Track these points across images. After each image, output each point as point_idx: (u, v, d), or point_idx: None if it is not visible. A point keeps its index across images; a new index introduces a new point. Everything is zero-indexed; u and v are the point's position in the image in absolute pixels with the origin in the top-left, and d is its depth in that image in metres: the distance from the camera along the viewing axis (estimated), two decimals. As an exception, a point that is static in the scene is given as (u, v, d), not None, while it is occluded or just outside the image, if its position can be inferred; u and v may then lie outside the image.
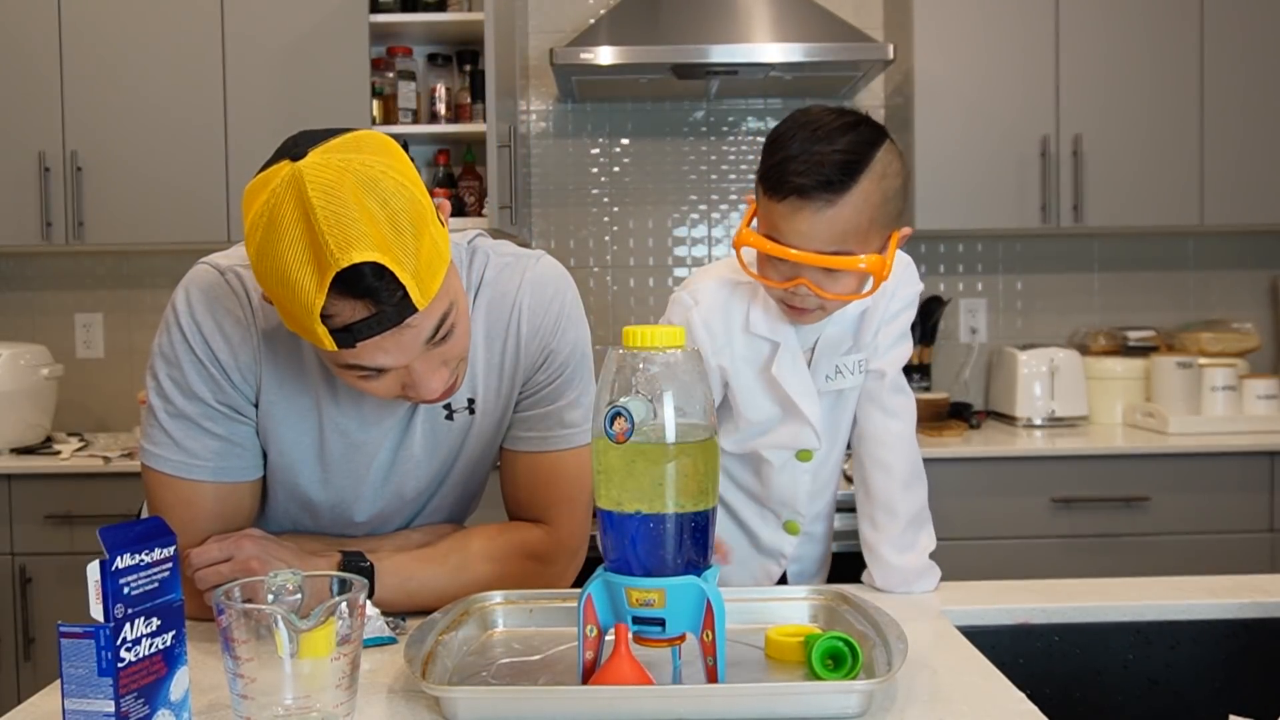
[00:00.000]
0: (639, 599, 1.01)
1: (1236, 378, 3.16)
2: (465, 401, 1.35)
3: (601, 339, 3.51)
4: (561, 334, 1.36)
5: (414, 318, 1.08)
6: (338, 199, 1.02)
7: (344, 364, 1.12)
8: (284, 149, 1.07)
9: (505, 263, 1.36)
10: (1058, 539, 2.93)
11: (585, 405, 1.39)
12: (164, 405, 1.26)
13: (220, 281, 1.25)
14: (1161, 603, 1.38)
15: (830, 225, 1.34)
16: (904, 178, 1.40)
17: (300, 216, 1.02)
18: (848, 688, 1.01)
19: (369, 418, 1.31)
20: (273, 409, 1.29)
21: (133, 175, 3.08)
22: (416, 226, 1.06)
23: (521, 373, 1.36)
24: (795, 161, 1.33)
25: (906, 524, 1.46)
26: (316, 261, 1.02)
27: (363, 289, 1.03)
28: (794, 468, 1.58)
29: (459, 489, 1.44)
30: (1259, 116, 3.18)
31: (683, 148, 3.52)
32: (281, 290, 1.05)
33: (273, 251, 1.04)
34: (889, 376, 1.52)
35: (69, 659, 0.90)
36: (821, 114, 1.37)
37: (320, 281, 1.03)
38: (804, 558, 1.66)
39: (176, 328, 1.25)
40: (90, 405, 3.48)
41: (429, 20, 3.14)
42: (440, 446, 1.37)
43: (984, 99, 3.16)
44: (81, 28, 3.07)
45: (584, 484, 1.40)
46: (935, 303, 3.44)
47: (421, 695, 1.05)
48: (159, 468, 1.27)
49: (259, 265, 1.06)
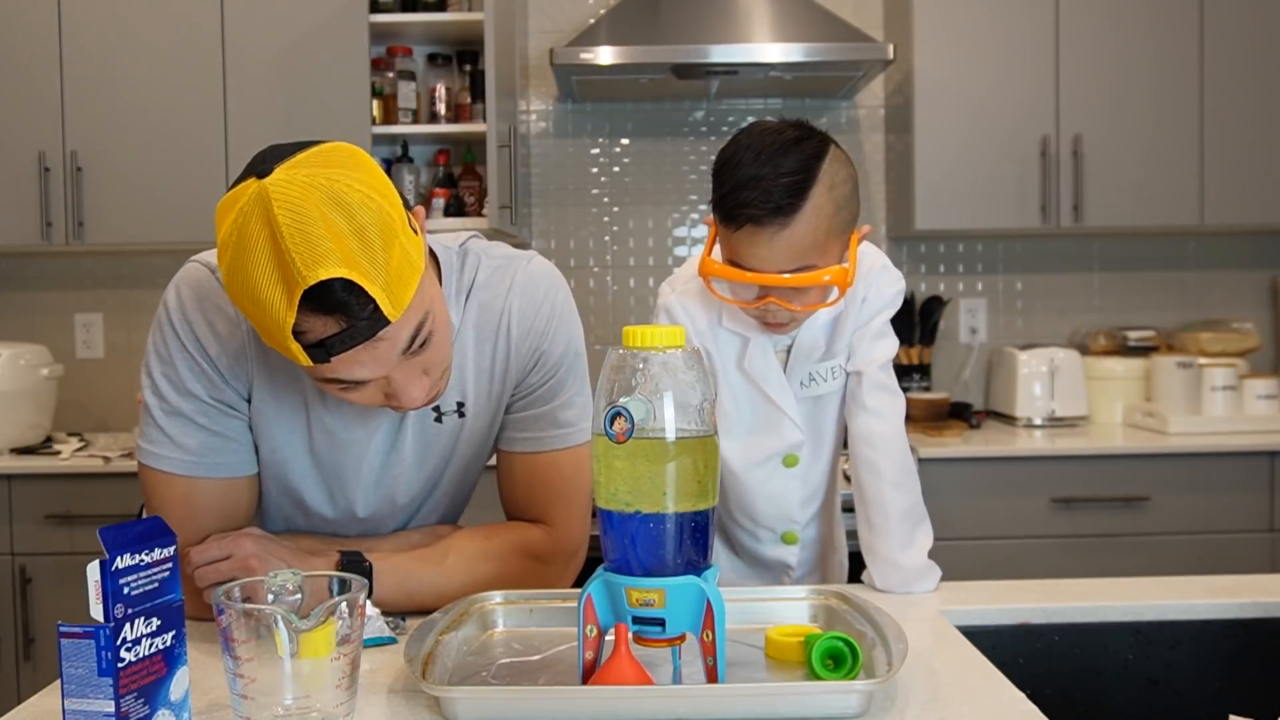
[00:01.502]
0: (639, 599, 1.01)
1: (1236, 378, 3.16)
2: (454, 405, 1.35)
3: (601, 339, 3.51)
4: (553, 335, 1.37)
5: (387, 330, 1.08)
6: (303, 216, 1.02)
7: (323, 377, 1.12)
8: (251, 165, 1.07)
9: (496, 265, 1.36)
10: (1058, 539, 2.93)
11: (580, 405, 1.40)
12: (159, 403, 1.26)
13: (211, 279, 1.25)
14: (1161, 603, 1.38)
15: (788, 246, 1.36)
16: (853, 181, 1.41)
17: (267, 235, 1.02)
18: (848, 688, 1.01)
19: (355, 419, 1.31)
20: (263, 406, 1.29)
21: (133, 175, 3.08)
22: (385, 238, 1.05)
23: (513, 375, 1.37)
24: (744, 190, 1.34)
25: (899, 522, 1.46)
26: (285, 280, 1.02)
27: (332, 305, 1.03)
28: (782, 475, 1.59)
29: (452, 491, 1.44)
30: (1259, 116, 3.18)
31: (683, 148, 3.52)
32: (254, 308, 1.05)
33: (243, 270, 1.04)
34: (868, 376, 1.51)
35: (69, 659, 0.90)
36: (764, 133, 1.38)
37: (290, 299, 1.02)
38: (806, 561, 1.66)
39: (169, 325, 1.25)
40: (90, 405, 3.48)
41: (429, 20, 3.14)
42: (431, 449, 1.37)
43: (984, 99, 3.16)
44: (81, 28, 3.07)
45: (581, 483, 1.40)
46: (935, 303, 3.44)
47: (421, 695, 1.05)
48: (157, 465, 1.27)
49: (231, 284, 1.06)
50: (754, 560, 1.67)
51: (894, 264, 1.56)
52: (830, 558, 1.71)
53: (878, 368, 1.52)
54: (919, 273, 3.53)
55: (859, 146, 3.52)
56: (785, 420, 1.55)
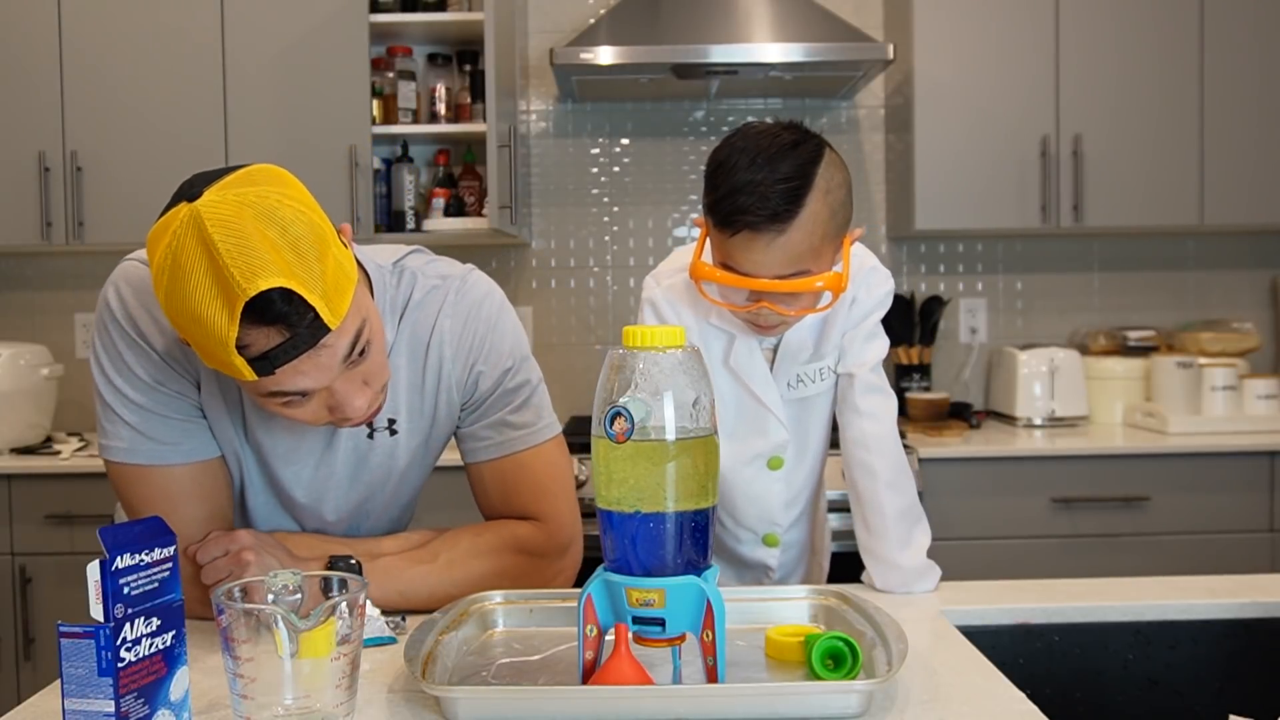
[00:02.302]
0: (639, 599, 1.01)
1: (1236, 378, 3.16)
2: (385, 422, 1.36)
3: (601, 339, 3.51)
4: (487, 353, 1.37)
5: (328, 337, 1.09)
6: (238, 231, 1.03)
7: (266, 392, 1.12)
8: (180, 193, 1.08)
9: (432, 285, 1.37)
10: (1058, 539, 2.93)
11: (534, 405, 1.40)
12: (119, 400, 1.27)
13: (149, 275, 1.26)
14: (1161, 603, 1.38)
15: (784, 251, 1.35)
16: (848, 185, 1.41)
17: (203, 254, 1.02)
18: (848, 688, 1.01)
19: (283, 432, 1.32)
20: (210, 402, 1.30)
21: (133, 175, 3.08)
22: (319, 249, 1.07)
23: (452, 394, 1.37)
24: (741, 195, 1.33)
25: (896, 523, 1.46)
26: (225, 295, 1.03)
27: (274, 315, 1.04)
28: (766, 478, 1.58)
29: (391, 510, 1.45)
30: (1259, 116, 3.18)
31: (683, 148, 3.52)
32: (195, 328, 1.06)
33: (181, 292, 1.04)
34: (859, 378, 1.51)
35: (69, 659, 0.90)
36: (759, 136, 1.37)
37: (231, 314, 1.03)
38: (786, 564, 1.66)
39: (114, 323, 1.26)
40: (90, 405, 3.46)
41: (429, 20, 3.14)
42: (363, 465, 1.37)
43: (984, 99, 3.16)
44: (81, 28, 3.07)
45: (557, 476, 1.41)
46: (935, 303, 3.44)
47: (421, 695, 1.05)
48: (130, 460, 1.28)
49: (169, 308, 1.07)
50: (733, 560, 1.66)
51: (894, 264, 1.56)
52: (812, 561, 1.70)
53: (869, 370, 1.51)
54: (919, 273, 3.53)
55: (859, 146, 3.52)
56: (770, 418, 1.54)
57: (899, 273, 3.50)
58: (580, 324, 3.51)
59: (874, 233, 3.50)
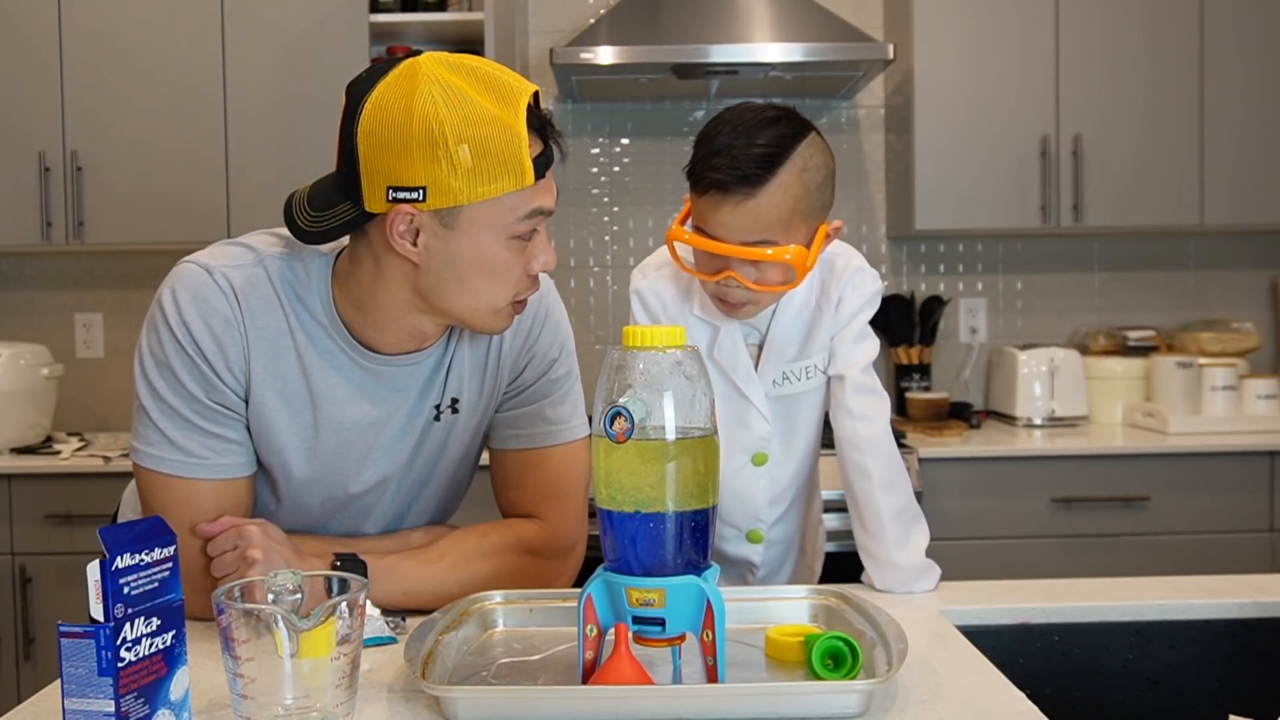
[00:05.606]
0: (639, 599, 1.01)
1: (1236, 378, 3.16)
2: (450, 401, 1.36)
3: (601, 339, 3.51)
4: (540, 338, 1.39)
5: (554, 167, 1.22)
6: (472, 62, 1.18)
7: (524, 214, 1.19)
8: (383, 64, 1.23)
9: None
10: (1058, 539, 2.93)
11: (570, 402, 1.42)
12: (157, 405, 1.26)
13: (208, 281, 1.25)
14: (1161, 602, 1.38)
15: (750, 216, 1.36)
16: (828, 170, 1.41)
17: (469, 71, 1.17)
18: (848, 688, 1.01)
19: (361, 411, 1.31)
20: (263, 408, 1.29)
21: (133, 175, 3.08)
22: None
23: (505, 375, 1.38)
24: (716, 156, 1.36)
25: (893, 523, 1.45)
26: (506, 99, 1.16)
27: (538, 121, 1.18)
28: (751, 473, 1.58)
29: (442, 491, 1.45)
30: (1259, 116, 3.18)
31: (683, 148, 3.52)
32: (491, 129, 1.14)
33: (463, 104, 1.14)
34: (850, 379, 1.50)
35: (69, 659, 0.90)
36: (746, 110, 1.40)
37: (516, 112, 1.15)
38: (770, 561, 1.66)
39: (165, 328, 1.24)
40: (90, 405, 3.48)
41: (429, 20, 3.14)
42: (423, 446, 1.37)
43: (984, 99, 3.16)
44: (81, 28, 3.07)
45: (574, 478, 1.41)
46: (935, 302, 3.44)
47: (421, 695, 1.05)
48: (156, 468, 1.27)
49: (453, 118, 1.13)
50: (717, 556, 1.64)
51: (894, 264, 1.56)
52: (801, 562, 1.70)
53: (860, 370, 1.51)
54: (919, 273, 3.53)
55: (859, 146, 3.52)
56: (754, 412, 1.54)
57: (899, 273, 3.50)
58: (580, 324, 3.51)
59: (874, 233, 3.50)
